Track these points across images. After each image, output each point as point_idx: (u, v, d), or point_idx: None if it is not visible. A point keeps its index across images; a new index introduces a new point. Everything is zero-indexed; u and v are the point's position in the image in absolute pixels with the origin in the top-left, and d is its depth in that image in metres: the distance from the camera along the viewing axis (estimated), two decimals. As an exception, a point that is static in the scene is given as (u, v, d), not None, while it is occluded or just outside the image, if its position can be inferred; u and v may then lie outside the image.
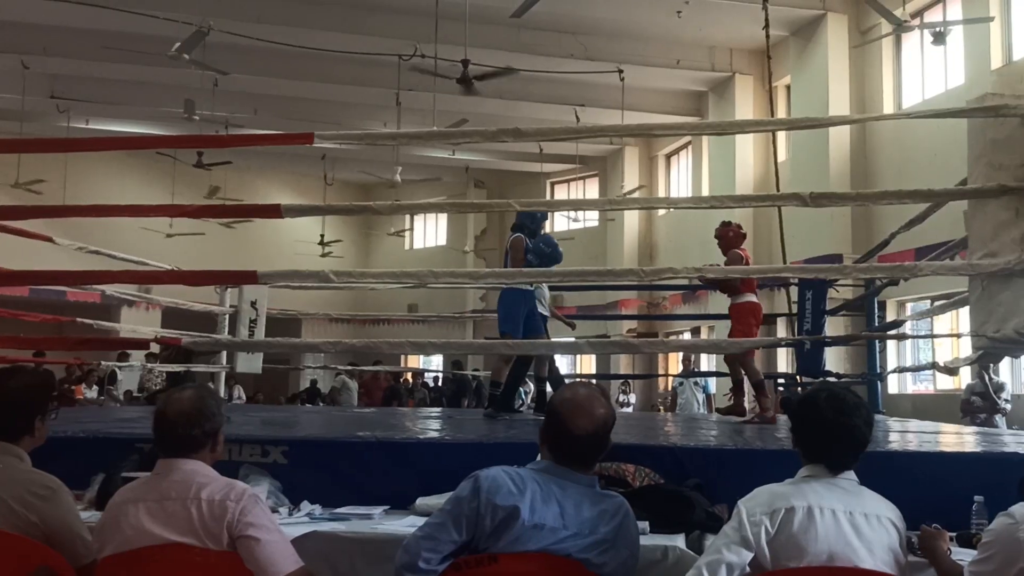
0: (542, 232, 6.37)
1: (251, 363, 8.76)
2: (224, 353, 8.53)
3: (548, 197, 23.81)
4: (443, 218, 25.97)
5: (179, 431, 2.39)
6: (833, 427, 2.24)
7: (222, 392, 9.44)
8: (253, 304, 8.42)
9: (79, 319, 7.20)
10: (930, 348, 12.96)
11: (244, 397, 16.11)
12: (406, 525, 2.87)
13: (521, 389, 17.92)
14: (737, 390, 6.61)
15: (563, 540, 2.17)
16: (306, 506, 3.18)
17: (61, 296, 18.03)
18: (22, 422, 2.60)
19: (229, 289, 8.40)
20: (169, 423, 2.41)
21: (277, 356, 14.45)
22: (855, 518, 2.15)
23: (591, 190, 23.56)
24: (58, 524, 2.44)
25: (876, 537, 2.14)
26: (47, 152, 16.64)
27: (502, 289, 6.15)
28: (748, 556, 2.13)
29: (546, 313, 6.59)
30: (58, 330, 8.54)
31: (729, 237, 6.49)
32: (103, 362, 10.42)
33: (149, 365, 11.17)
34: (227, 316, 8.46)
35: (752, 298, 6.28)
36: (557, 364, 7.36)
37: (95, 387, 13.55)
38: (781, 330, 13.24)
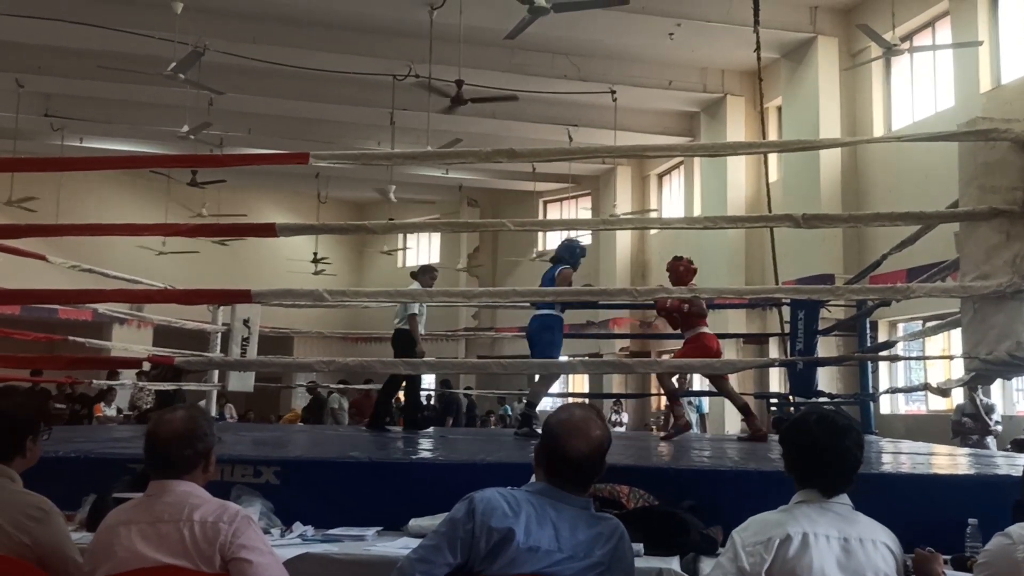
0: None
1: (243, 381, 8.75)
2: (216, 371, 8.50)
3: (541, 216, 23.88)
4: (436, 236, 26.00)
5: (171, 452, 2.38)
6: (824, 451, 2.21)
7: (213, 411, 9.41)
8: (245, 322, 8.40)
9: (71, 337, 7.18)
10: (922, 368, 12.99)
11: (236, 416, 16.03)
12: (399, 547, 2.86)
13: (507, 407, 17.81)
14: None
15: (558, 563, 2.16)
16: (298, 527, 3.17)
17: (53, 314, 17.94)
18: (14, 443, 2.59)
19: (221, 307, 8.39)
20: (161, 444, 2.39)
21: (269, 374, 14.40)
22: (850, 543, 2.13)
23: (584, 209, 23.64)
24: (50, 546, 2.42)
25: (871, 562, 2.12)
26: (41, 171, 16.62)
27: (540, 316, 6.38)
28: None
29: None
30: (50, 348, 8.52)
31: (680, 272, 6.66)
32: (94, 380, 10.37)
33: (140, 383, 11.14)
34: (219, 334, 8.45)
35: (707, 329, 6.55)
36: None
37: (114, 406, 13.50)
38: (774, 350, 13.27)
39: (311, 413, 15.42)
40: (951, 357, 9.52)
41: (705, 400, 13.98)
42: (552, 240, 23.01)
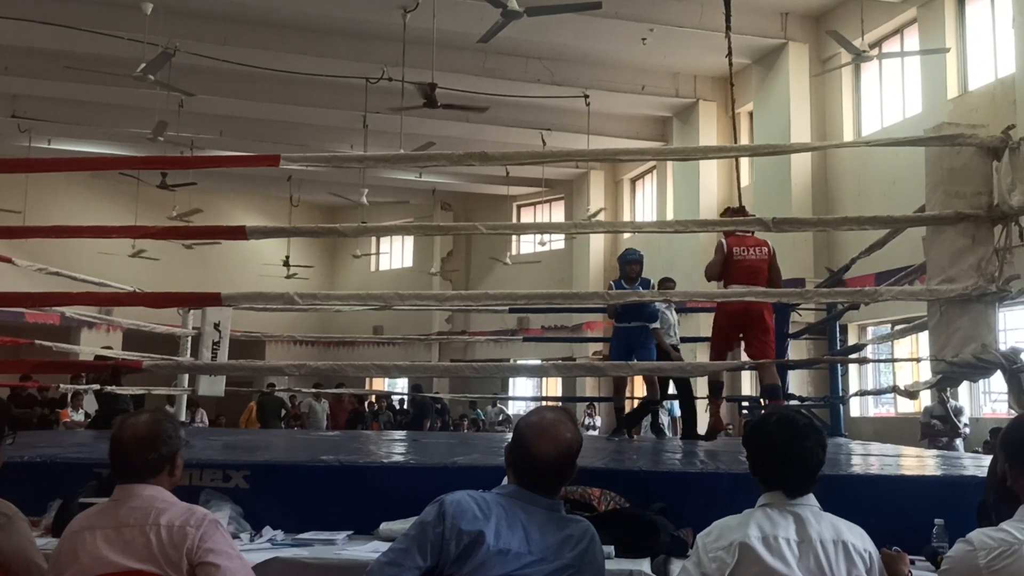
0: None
1: (214, 386, 8.64)
2: (186, 376, 8.40)
3: (515, 220, 23.92)
4: (409, 240, 25.96)
5: (135, 456, 2.34)
6: (785, 452, 2.19)
7: (183, 416, 9.30)
8: (216, 326, 8.31)
9: (37, 341, 7.07)
10: (891, 371, 13.14)
11: (207, 421, 15.89)
12: (370, 551, 2.85)
13: (479, 411, 17.72)
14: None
15: (528, 565, 2.16)
16: (268, 531, 3.15)
17: (19, 318, 17.69)
18: (-24, 448, 2.55)
19: (192, 311, 8.30)
20: (125, 448, 2.36)
21: (240, 378, 14.28)
22: (812, 545, 2.12)
23: (557, 213, 23.70)
24: (14, 552, 2.38)
25: (833, 563, 2.11)
26: (8, 172, 16.40)
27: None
28: None
29: (675, 341, 7.35)
30: (15, 352, 8.39)
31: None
32: (61, 385, 10.24)
33: (107, 388, 10.99)
34: (190, 338, 8.36)
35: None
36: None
37: (81, 411, 13.32)
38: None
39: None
40: (918, 360, 9.64)
41: (676, 403, 14.02)
42: (526, 245, 23.09)
